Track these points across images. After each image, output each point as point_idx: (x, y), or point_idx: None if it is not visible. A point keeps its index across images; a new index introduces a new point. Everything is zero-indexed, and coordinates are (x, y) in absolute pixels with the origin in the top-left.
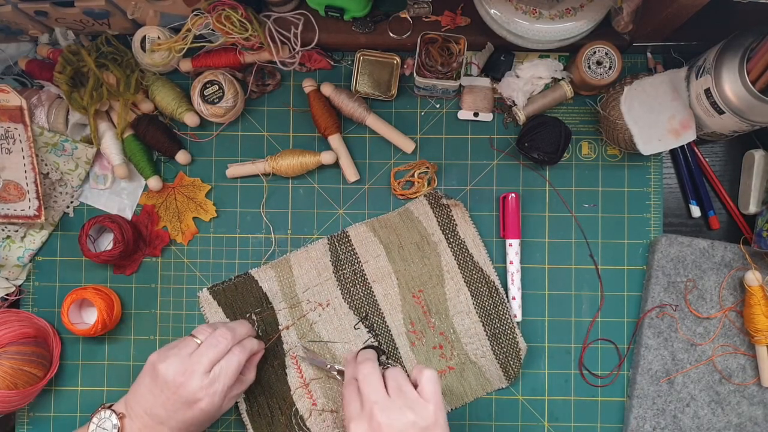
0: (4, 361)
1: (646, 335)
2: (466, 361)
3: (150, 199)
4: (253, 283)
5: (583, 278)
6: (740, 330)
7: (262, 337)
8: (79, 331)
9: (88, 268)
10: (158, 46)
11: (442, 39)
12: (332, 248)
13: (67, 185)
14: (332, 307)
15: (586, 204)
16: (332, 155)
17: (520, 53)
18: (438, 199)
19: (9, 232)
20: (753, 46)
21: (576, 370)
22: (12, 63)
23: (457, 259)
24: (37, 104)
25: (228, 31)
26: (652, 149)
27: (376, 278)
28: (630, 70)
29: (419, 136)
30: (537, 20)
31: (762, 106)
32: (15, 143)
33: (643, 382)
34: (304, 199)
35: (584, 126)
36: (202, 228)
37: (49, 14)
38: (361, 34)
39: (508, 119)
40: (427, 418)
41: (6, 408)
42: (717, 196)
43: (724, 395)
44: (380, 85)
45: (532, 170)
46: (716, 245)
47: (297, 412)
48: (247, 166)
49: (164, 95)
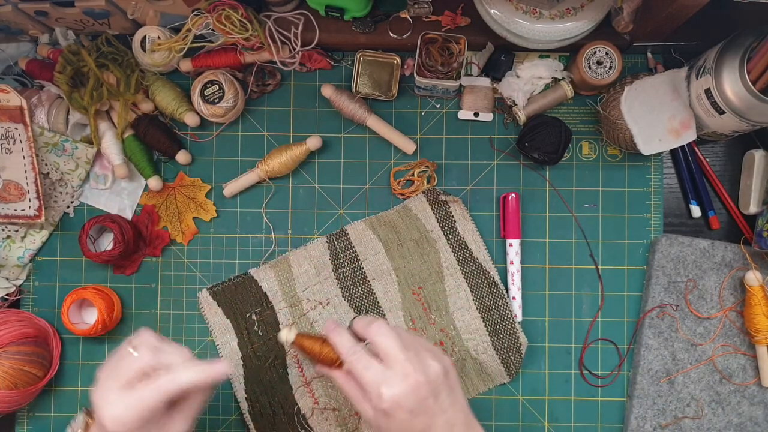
0: (4, 361)
1: (646, 335)
2: (467, 356)
3: (150, 199)
4: (252, 282)
5: (584, 278)
6: (740, 330)
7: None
8: (79, 331)
9: (88, 268)
10: (158, 46)
11: (442, 39)
12: (331, 246)
13: (68, 185)
14: (332, 306)
15: (587, 204)
16: (318, 139)
17: (521, 53)
18: (436, 196)
19: (9, 232)
20: (753, 46)
21: (576, 370)
22: (12, 63)
23: (456, 255)
24: (38, 104)
25: (228, 31)
26: (653, 149)
27: (375, 276)
28: (630, 70)
29: (419, 136)
30: (537, 20)
31: (762, 106)
32: (15, 143)
33: (644, 382)
34: (304, 199)
35: (584, 126)
36: (202, 228)
37: (49, 14)
38: (362, 34)
39: (509, 119)
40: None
41: (6, 408)
42: (717, 196)
43: (724, 395)
44: (380, 85)
45: (532, 170)
46: (716, 245)
47: (299, 411)
48: (242, 179)
49: (164, 95)
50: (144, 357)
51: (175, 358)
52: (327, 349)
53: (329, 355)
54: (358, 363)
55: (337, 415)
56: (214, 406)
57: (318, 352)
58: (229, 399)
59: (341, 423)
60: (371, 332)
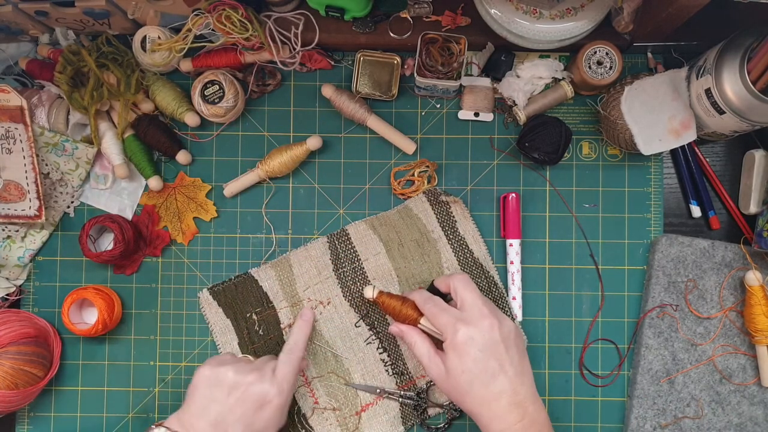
0: (5, 361)
1: (646, 335)
2: None
3: (150, 199)
4: (253, 282)
5: (584, 278)
6: (740, 330)
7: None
8: (80, 331)
9: (89, 268)
10: (158, 46)
11: (442, 39)
12: (332, 246)
13: (68, 185)
14: (333, 305)
15: (587, 204)
16: (318, 139)
17: (521, 53)
18: (437, 196)
19: (9, 232)
20: (753, 46)
21: (576, 370)
22: (12, 63)
23: (457, 255)
24: (38, 104)
25: (228, 31)
26: (653, 149)
27: (376, 276)
28: (630, 70)
29: (420, 136)
30: (537, 20)
31: (762, 106)
32: (15, 143)
33: (644, 382)
34: (304, 199)
35: (585, 126)
36: (202, 228)
37: (50, 14)
38: (362, 34)
39: (509, 119)
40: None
41: (6, 408)
42: (717, 196)
43: (724, 395)
44: (381, 85)
45: (532, 170)
46: (716, 245)
47: (299, 410)
48: (242, 179)
49: (165, 95)
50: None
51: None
52: (406, 307)
53: (407, 312)
54: (434, 307)
55: (337, 415)
56: None
57: (398, 309)
58: None
59: (341, 423)
60: (453, 279)
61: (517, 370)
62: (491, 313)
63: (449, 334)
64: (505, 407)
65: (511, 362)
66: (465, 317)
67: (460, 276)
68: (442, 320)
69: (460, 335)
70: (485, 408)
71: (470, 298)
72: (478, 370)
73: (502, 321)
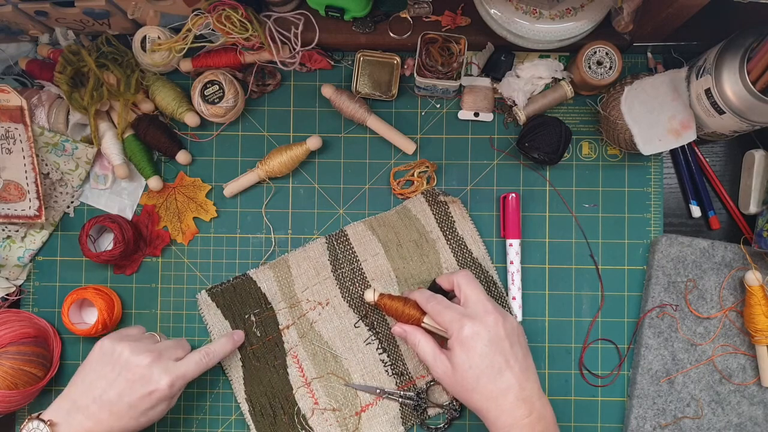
0: (5, 361)
1: (646, 335)
2: None
3: (150, 199)
4: (251, 283)
5: (584, 278)
6: (740, 330)
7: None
8: (80, 331)
9: (89, 268)
10: (158, 46)
11: (442, 39)
12: (330, 247)
13: (68, 185)
14: (332, 306)
15: (587, 204)
16: (318, 139)
17: (521, 53)
18: (435, 196)
19: (9, 232)
20: (753, 46)
21: (576, 370)
22: (12, 63)
23: (456, 255)
24: (38, 104)
25: (228, 31)
26: (653, 149)
27: (375, 276)
28: (630, 70)
29: (419, 136)
30: (537, 20)
31: (762, 106)
32: (15, 143)
33: (644, 382)
34: (304, 199)
35: (584, 126)
36: (202, 228)
37: (50, 14)
38: (362, 34)
39: (509, 119)
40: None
41: (6, 408)
42: (717, 196)
43: (724, 395)
44: (381, 85)
45: (532, 170)
46: (716, 245)
47: (299, 411)
48: (242, 179)
49: (164, 95)
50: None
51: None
52: (408, 307)
53: (409, 312)
54: (438, 305)
55: (337, 415)
56: (215, 406)
57: (401, 310)
58: (229, 399)
59: (341, 423)
60: (457, 276)
61: (522, 366)
62: (495, 310)
63: (455, 330)
64: (512, 402)
65: (516, 358)
66: (470, 313)
67: (464, 272)
68: (447, 317)
69: (467, 330)
70: (492, 403)
71: (474, 295)
72: (484, 366)
73: (506, 318)
